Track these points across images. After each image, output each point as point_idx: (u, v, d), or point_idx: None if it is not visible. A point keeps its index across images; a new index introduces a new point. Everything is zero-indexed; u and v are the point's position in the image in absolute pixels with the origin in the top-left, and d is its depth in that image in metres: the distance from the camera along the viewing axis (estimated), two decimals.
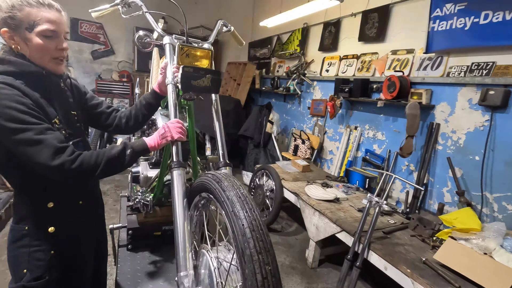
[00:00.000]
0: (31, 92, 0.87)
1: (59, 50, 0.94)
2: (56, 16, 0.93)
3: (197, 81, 1.00)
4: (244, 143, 4.46)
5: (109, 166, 0.90)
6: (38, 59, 0.92)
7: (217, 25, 1.45)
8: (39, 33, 0.89)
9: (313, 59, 4.26)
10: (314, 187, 2.68)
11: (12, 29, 0.88)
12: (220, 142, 1.05)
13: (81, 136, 1.04)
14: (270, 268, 0.57)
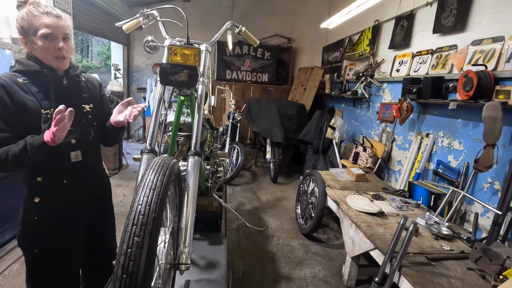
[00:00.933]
0: (22, 92, 1.07)
1: (58, 50, 1.10)
2: (53, 21, 1.09)
3: (175, 76, 1.09)
4: (304, 149, 4.36)
5: (11, 162, 1.00)
6: (44, 58, 1.11)
7: (224, 25, 1.52)
8: (39, 36, 1.07)
9: (384, 58, 3.85)
10: (358, 198, 2.42)
11: (24, 35, 1.10)
12: (195, 132, 1.11)
13: (82, 127, 1.20)
14: (138, 240, 0.60)
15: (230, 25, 1.55)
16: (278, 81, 6.63)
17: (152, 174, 0.73)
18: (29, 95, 1.08)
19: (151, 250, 0.61)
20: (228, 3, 6.48)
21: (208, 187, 1.59)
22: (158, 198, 0.67)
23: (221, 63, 6.43)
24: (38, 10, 1.07)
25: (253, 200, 3.72)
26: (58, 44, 1.10)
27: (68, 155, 1.18)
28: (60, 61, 1.13)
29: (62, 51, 1.11)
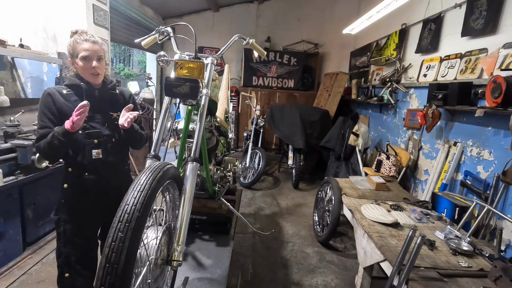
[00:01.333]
0: (63, 99, 1.38)
1: (92, 68, 1.38)
2: (89, 46, 1.38)
3: (178, 88, 1.19)
4: (326, 155, 4.31)
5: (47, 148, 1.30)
6: (83, 75, 1.41)
7: (231, 39, 1.60)
8: (79, 58, 1.37)
9: (411, 63, 3.70)
10: (373, 207, 2.35)
11: (71, 58, 1.40)
12: (195, 139, 1.19)
13: (107, 130, 1.46)
14: (121, 235, 0.69)
15: (238, 38, 1.62)
16: (304, 87, 6.62)
17: (142, 177, 0.83)
18: (68, 102, 1.39)
19: (132, 244, 0.70)
20: (256, 11, 6.64)
21: (216, 191, 1.68)
22: (144, 199, 0.76)
23: (248, 70, 6.58)
24: (80, 38, 1.37)
25: (272, 205, 3.76)
26: (92, 64, 1.38)
27: (91, 153, 1.42)
28: (95, 77, 1.42)
29: (96, 69, 1.40)
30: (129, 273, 0.68)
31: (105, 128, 1.46)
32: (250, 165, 4.42)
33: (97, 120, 1.45)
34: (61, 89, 1.41)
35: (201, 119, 1.26)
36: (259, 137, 4.85)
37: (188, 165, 1.14)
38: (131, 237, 0.70)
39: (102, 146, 1.43)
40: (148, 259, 0.86)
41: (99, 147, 1.43)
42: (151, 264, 0.86)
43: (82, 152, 1.40)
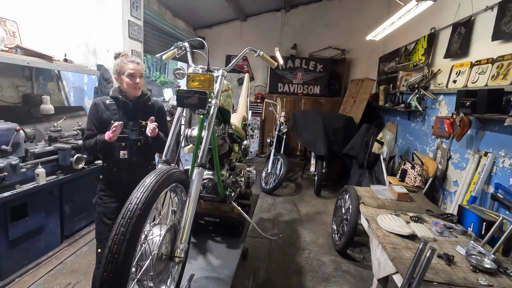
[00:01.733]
0: (105, 108, 1.73)
1: (136, 83, 1.73)
2: (134, 66, 1.73)
3: (188, 99, 1.30)
4: (350, 163, 4.23)
5: (90, 148, 1.71)
6: (127, 89, 1.74)
7: (243, 51, 1.69)
8: (126, 75, 1.71)
9: (440, 69, 3.54)
10: (390, 218, 2.28)
11: (117, 75, 1.74)
12: (202, 146, 1.29)
13: (135, 135, 1.76)
14: (123, 230, 0.79)
15: (248, 51, 1.71)
16: (330, 93, 6.55)
17: (147, 180, 0.94)
18: (108, 111, 1.74)
19: (132, 238, 0.79)
20: (282, 19, 6.73)
21: (227, 195, 1.77)
22: (145, 199, 0.86)
23: (273, 77, 6.67)
24: (127, 59, 1.72)
25: (292, 212, 3.77)
26: (136, 80, 1.73)
27: (119, 153, 1.74)
28: (137, 91, 1.77)
29: (138, 85, 1.75)
30: (128, 263, 0.78)
31: (133, 134, 1.77)
32: (272, 171, 4.47)
33: (128, 126, 1.77)
34: (105, 99, 1.77)
35: (209, 127, 1.36)
36: (282, 144, 4.89)
37: (194, 170, 1.24)
38: (131, 231, 0.80)
39: (128, 148, 1.74)
40: (151, 253, 0.96)
41: (126, 149, 1.73)
42: (153, 259, 0.96)
43: (113, 151, 1.73)
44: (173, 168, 1.10)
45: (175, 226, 1.15)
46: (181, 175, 1.15)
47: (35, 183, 2.23)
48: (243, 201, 2.38)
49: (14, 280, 2.09)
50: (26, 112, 2.62)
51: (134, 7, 3.78)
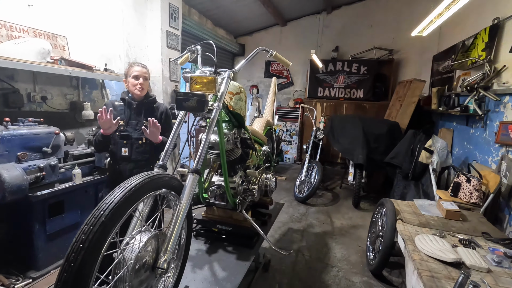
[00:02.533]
0: (113, 109, 1.91)
1: (140, 84, 1.92)
2: (139, 69, 1.95)
3: (187, 102, 1.26)
4: (393, 173, 3.82)
5: (93, 142, 1.94)
6: (131, 89, 1.94)
7: (253, 51, 1.61)
8: (131, 77, 1.94)
9: (505, 65, 3.00)
10: (432, 239, 1.95)
11: (125, 78, 1.98)
12: (200, 151, 1.22)
13: (137, 134, 1.93)
14: (83, 237, 0.74)
15: (259, 51, 1.62)
16: (375, 97, 6.08)
17: (123, 185, 0.90)
18: (115, 110, 1.93)
19: (92, 247, 0.75)
20: (323, 22, 6.50)
21: (237, 203, 1.67)
22: (114, 206, 0.82)
23: (313, 81, 6.44)
24: (133, 64, 1.97)
25: (324, 224, 3.52)
26: (139, 81, 1.93)
27: (120, 150, 1.91)
28: (140, 91, 1.94)
29: (142, 85, 1.94)
30: (85, 273, 0.74)
31: (136, 132, 1.93)
32: (306, 179, 4.26)
33: (132, 125, 1.95)
34: (115, 101, 1.99)
35: (208, 130, 1.29)
36: (318, 150, 4.64)
37: (188, 176, 1.17)
38: (92, 240, 0.76)
39: (129, 146, 1.90)
40: (126, 263, 0.91)
41: (127, 146, 1.90)
42: (129, 268, 0.91)
43: (115, 148, 1.92)
44: (161, 173, 1.06)
45: (164, 234, 1.10)
46: (170, 181, 1.09)
47: (72, 182, 2.41)
48: (262, 210, 2.26)
49: (50, 272, 2.27)
50: (72, 117, 2.88)
51: (172, 18, 3.97)
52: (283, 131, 6.44)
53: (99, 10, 3.16)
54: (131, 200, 0.88)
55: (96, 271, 0.77)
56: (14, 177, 1.94)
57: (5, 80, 2.34)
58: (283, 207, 3.90)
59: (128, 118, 1.93)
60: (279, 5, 5.78)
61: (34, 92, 2.58)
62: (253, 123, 2.48)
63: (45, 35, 2.63)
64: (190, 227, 1.35)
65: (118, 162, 1.93)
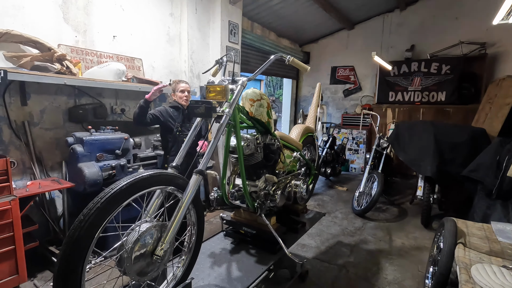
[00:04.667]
0: (168, 114, 2.59)
1: (186, 95, 2.61)
2: (184, 85, 2.67)
3: (197, 109, 1.38)
4: (473, 189, 3.18)
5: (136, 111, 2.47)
6: (180, 101, 2.63)
7: (270, 58, 1.64)
8: (179, 91, 2.64)
9: None
10: (497, 271, 1.56)
11: (173, 92, 2.69)
12: (206, 153, 1.32)
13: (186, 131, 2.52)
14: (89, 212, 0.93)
15: (274, 59, 1.65)
16: (461, 99, 5.19)
17: (120, 181, 1.07)
18: (172, 115, 2.59)
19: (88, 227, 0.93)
20: (396, 20, 5.95)
21: (256, 206, 1.71)
22: (106, 199, 0.99)
23: (383, 85, 5.93)
24: (179, 81, 2.69)
25: (381, 241, 3.17)
26: (186, 94, 2.63)
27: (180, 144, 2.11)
28: (185, 102, 2.62)
29: (188, 97, 2.63)
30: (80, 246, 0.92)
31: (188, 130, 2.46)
32: (365, 190, 3.94)
33: (186, 127, 2.57)
34: (168, 108, 2.63)
35: (216, 135, 1.39)
36: (381, 160, 4.23)
37: (192, 176, 1.29)
38: (87, 221, 0.94)
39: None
40: (125, 247, 1.08)
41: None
42: (127, 251, 1.07)
43: (177, 145, 2.51)
44: (167, 172, 1.20)
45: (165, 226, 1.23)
46: (173, 179, 1.23)
47: None
48: (295, 217, 2.23)
49: None
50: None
51: (232, 33, 4.29)
52: (348, 139, 6.09)
53: (168, 34, 3.69)
54: (128, 192, 1.04)
55: (92, 247, 0.95)
56: (93, 173, 2.43)
57: (94, 97, 2.97)
58: (337, 219, 3.72)
59: (182, 121, 2.57)
60: (343, 9, 5.58)
61: (115, 106, 3.17)
62: (292, 129, 2.48)
63: (125, 58, 3.22)
64: (201, 225, 1.45)
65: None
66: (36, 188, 2.27)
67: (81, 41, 2.86)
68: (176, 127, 2.57)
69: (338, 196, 4.65)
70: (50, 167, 2.70)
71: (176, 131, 2.57)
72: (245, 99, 1.73)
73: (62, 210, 2.70)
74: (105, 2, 2.99)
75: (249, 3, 4.64)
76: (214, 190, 1.83)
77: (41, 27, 2.56)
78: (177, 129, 2.57)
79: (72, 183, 2.48)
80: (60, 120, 2.74)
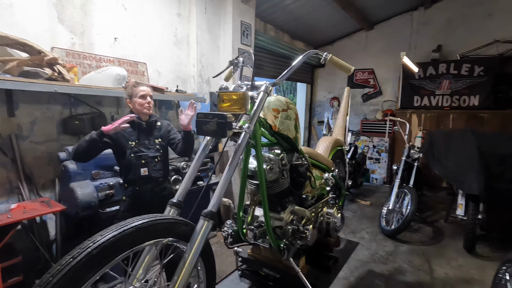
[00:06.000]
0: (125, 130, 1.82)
1: (148, 102, 1.89)
2: (145, 88, 1.91)
3: (207, 125, 1.02)
4: None
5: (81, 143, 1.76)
6: (139, 109, 1.88)
7: (300, 57, 1.27)
8: (138, 97, 1.87)
9: None
10: None
11: (129, 98, 1.91)
12: (219, 189, 0.95)
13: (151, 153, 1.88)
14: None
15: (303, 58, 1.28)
16: (497, 104, 4.69)
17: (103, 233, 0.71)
18: (121, 136, 1.85)
19: None
20: (420, 19, 5.51)
21: (282, 247, 1.32)
22: (70, 270, 0.63)
23: (407, 89, 5.48)
24: (137, 84, 1.92)
25: (420, 270, 2.72)
26: (147, 100, 1.90)
27: (139, 170, 1.84)
28: (148, 110, 1.90)
29: (150, 104, 1.90)
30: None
31: (150, 151, 1.89)
32: (395, 208, 3.49)
33: (144, 145, 1.90)
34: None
35: (233, 158, 1.02)
36: (412, 173, 3.78)
37: (199, 221, 0.92)
38: None
39: (148, 165, 1.85)
40: None
41: (146, 166, 1.84)
42: None
43: (133, 170, 1.84)
44: (155, 219, 0.83)
45: None
46: (172, 227, 0.86)
47: None
48: (327, 252, 1.82)
49: None
50: None
51: (244, 35, 3.96)
52: (368, 147, 5.64)
53: (175, 36, 3.37)
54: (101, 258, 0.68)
55: None
56: (86, 194, 2.10)
57: (93, 106, 2.65)
58: (364, 240, 3.28)
59: (138, 139, 1.88)
60: (363, 8, 5.19)
61: (116, 115, 2.85)
62: (318, 143, 2.09)
63: (128, 63, 2.91)
64: (212, 282, 1.08)
65: (138, 184, 1.86)
66: (21, 213, 1.95)
67: (78, 43, 2.56)
68: (130, 147, 1.84)
69: (362, 212, 4.20)
70: (42, 185, 2.39)
71: (130, 153, 1.83)
72: (268, 109, 1.36)
73: (54, 235, 2.38)
74: (105, 1, 2.70)
75: (262, 2, 4.30)
76: (228, 223, 1.46)
77: (32, 28, 2.27)
78: (132, 151, 1.84)
79: (64, 205, 2.15)
80: (53, 132, 2.43)
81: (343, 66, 1.35)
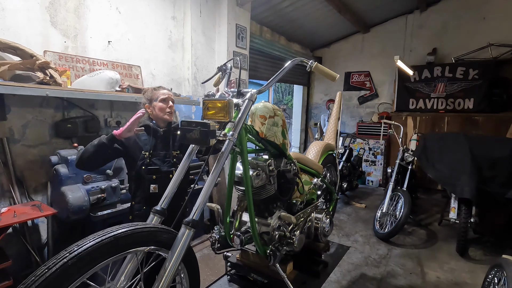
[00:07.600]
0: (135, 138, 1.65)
1: (169, 106, 1.72)
2: (166, 92, 1.76)
3: (190, 134, 1.02)
4: None
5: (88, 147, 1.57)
6: (159, 114, 1.69)
7: (287, 64, 1.28)
8: (159, 100, 1.71)
9: None
10: None
11: (149, 103, 1.75)
12: (202, 197, 0.95)
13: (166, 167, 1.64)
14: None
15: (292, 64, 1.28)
16: (492, 107, 4.71)
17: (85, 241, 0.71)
18: (139, 140, 1.68)
19: None
20: (416, 22, 5.54)
21: (268, 253, 1.33)
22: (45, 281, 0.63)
23: (403, 92, 5.50)
24: (158, 88, 1.79)
25: (412, 274, 2.73)
26: (169, 104, 1.74)
27: (149, 187, 1.59)
28: (169, 115, 1.72)
29: (171, 109, 1.74)
30: None
31: (165, 165, 1.64)
32: (389, 211, 3.50)
33: (159, 157, 1.65)
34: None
35: (216, 165, 1.03)
36: (405, 176, 3.79)
37: (180, 229, 0.93)
38: None
39: (159, 181, 1.59)
40: None
41: (156, 182, 1.59)
42: None
43: (142, 186, 1.61)
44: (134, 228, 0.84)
45: None
46: (153, 235, 0.87)
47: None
48: (316, 257, 1.83)
49: None
50: None
51: (239, 38, 3.97)
52: (364, 150, 5.66)
53: (170, 39, 3.38)
54: (77, 269, 0.68)
55: None
56: (77, 198, 2.10)
57: (86, 109, 2.65)
58: (358, 243, 3.29)
59: (153, 149, 1.62)
60: (359, 11, 5.21)
61: (110, 118, 2.85)
62: (309, 148, 2.10)
63: (122, 66, 2.91)
64: None
65: (146, 202, 1.59)
66: (11, 217, 1.95)
67: (71, 47, 2.56)
68: (142, 158, 1.58)
69: (356, 215, 4.21)
70: (34, 189, 2.38)
71: (141, 164, 1.57)
72: (255, 115, 1.36)
73: (46, 238, 2.38)
74: (99, 4, 2.70)
75: (258, 5, 4.32)
76: (216, 228, 1.47)
77: (24, 32, 2.28)
78: (143, 162, 1.58)
79: (55, 209, 2.15)
80: (46, 135, 2.43)
81: (328, 74, 1.35)
